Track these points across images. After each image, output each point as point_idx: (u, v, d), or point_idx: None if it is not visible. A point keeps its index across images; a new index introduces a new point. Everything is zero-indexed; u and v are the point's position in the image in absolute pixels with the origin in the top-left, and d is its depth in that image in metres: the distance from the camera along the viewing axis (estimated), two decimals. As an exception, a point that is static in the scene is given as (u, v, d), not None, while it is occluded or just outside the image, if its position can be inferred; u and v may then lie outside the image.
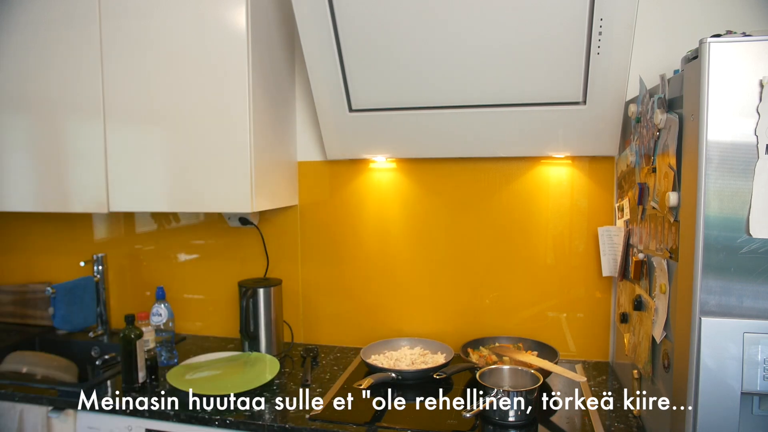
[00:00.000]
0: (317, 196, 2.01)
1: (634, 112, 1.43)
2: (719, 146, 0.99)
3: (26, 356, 1.90)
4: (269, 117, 1.76)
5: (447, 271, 1.93)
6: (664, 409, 1.18)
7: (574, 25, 1.39)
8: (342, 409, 1.49)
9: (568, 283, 1.84)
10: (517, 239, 1.86)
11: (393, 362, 1.73)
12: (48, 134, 1.80)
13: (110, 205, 1.77)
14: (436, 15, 1.43)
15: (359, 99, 1.68)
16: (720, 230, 1.00)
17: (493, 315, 1.90)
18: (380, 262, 1.98)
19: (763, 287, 0.99)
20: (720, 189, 0.99)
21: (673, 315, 1.14)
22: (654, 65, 1.50)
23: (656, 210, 1.26)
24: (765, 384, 0.99)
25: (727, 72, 0.98)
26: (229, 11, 1.60)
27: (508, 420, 1.39)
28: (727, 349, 1.01)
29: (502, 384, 1.52)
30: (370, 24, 1.49)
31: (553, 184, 1.82)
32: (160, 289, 1.89)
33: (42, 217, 2.24)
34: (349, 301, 2.02)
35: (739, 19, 1.59)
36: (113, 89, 1.72)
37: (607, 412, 1.47)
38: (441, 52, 1.50)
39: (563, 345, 1.85)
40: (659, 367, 1.23)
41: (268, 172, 1.76)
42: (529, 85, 1.53)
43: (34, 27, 1.75)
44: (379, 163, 1.94)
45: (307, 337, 2.08)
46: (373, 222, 1.97)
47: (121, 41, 1.70)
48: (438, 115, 1.65)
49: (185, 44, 1.64)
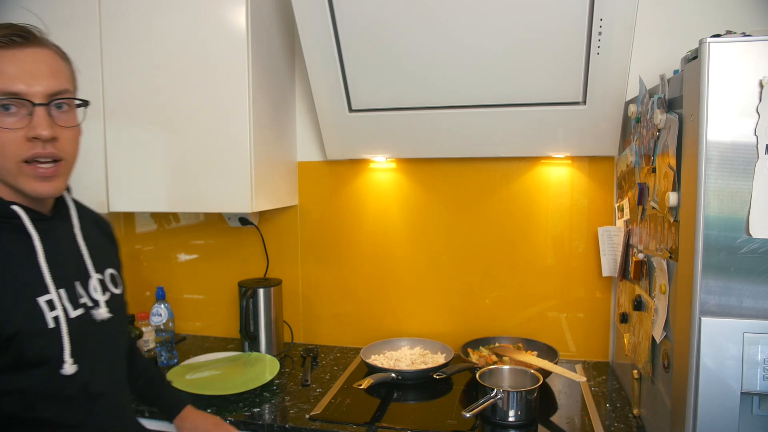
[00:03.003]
0: (317, 196, 2.01)
1: (634, 112, 1.43)
2: (719, 146, 0.99)
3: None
4: (269, 117, 1.76)
5: (447, 271, 1.93)
6: (664, 409, 1.18)
7: (574, 26, 1.39)
8: (342, 409, 1.49)
9: (568, 283, 1.84)
10: (517, 239, 1.86)
11: (393, 362, 1.73)
12: (48, 134, 1.80)
13: (110, 205, 1.77)
14: (435, 15, 1.43)
15: (359, 99, 1.68)
16: (720, 230, 1.00)
17: (493, 315, 1.90)
18: (380, 262, 1.98)
19: (763, 287, 0.99)
20: (720, 189, 0.99)
21: (673, 315, 1.14)
22: (654, 65, 1.50)
23: (656, 210, 1.26)
24: (765, 384, 0.99)
25: (726, 72, 0.98)
26: (229, 11, 1.60)
27: (508, 420, 1.39)
28: (726, 349, 1.01)
29: (502, 384, 1.52)
30: (370, 24, 1.49)
31: (553, 184, 1.82)
32: (160, 289, 1.89)
33: (42, 217, 2.25)
34: (349, 301, 2.02)
35: (739, 19, 1.59)
36: (113, 89, 1.72)
37: (607, 412, 1.47)
38: (441, 53, 1.50)
39: (563, 345, 1.85)
40: (659, 367, 1.23)
41: (268, 172, 1.76)
42: (529, 85, 1.53)
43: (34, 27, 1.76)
44: (379, 163, 1.94)
45: (307, 337, 2.08)
46: (373, 222, 1.97)
47: (121, 41, 1.69)
48: (438, 115, 1.65)
49: (185, 44, 1.64)
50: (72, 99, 0.91)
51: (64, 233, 0.97)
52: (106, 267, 1.04)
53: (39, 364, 0.85)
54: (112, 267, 1.06)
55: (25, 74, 0.84)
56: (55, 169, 0.88)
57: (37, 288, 0.87)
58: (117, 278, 1.06)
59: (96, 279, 0.98)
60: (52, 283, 0.88)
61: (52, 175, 0.88)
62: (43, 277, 0.88)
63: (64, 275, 0.92)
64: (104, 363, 0.97)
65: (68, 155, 0.90)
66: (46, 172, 0.87)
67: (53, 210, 0.97)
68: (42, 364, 0.85)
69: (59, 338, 0.86)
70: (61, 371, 0.86)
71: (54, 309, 0.87)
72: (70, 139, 0.90)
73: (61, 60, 0.92)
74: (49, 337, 0.86)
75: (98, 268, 1.00)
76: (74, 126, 0.91)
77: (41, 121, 0.84)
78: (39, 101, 0.85)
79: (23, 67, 0.85)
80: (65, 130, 0.89)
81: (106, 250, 1.09)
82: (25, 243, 0.89)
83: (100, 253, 1.03)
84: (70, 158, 0.92)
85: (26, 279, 0.87)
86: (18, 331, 0.82)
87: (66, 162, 0.90)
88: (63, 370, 0.86)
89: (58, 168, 0.88)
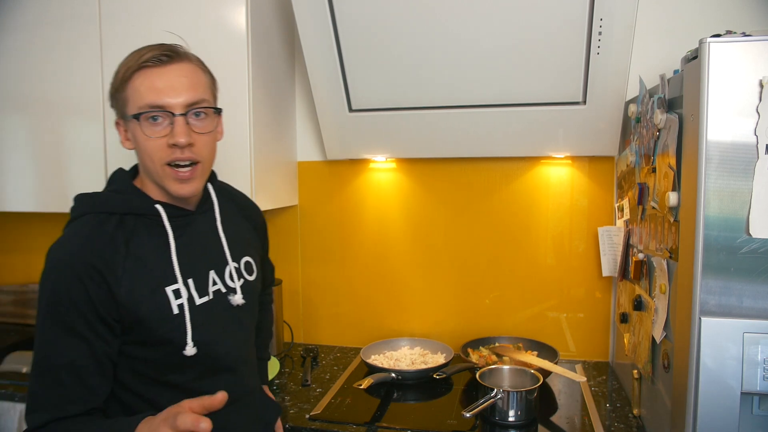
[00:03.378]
0: (317, 196, 2.01)
1: (634, 112, 1.43)
2: (719, 146, 0.99)
3: (26, 356, 1.90)
4: (269, 117, 1.76)
5: (447, 270, 1.93)
6: (664, 409, 1.18)
7: (574, 26, 1.39)
8: (342, 409, 1.49)
9: (568, 283, 1.84)
10: (517, 239, 1.86)
11: (393, 362, 1.73)
12: (48, 134, 1.80)
13: (110, 205, 1.77)
14: (436, 15, 1.43)
15: (359, 99, 1.68)
16: (720, 230, 1.00)
17: (493, 315, 1.90)
18: (380, 262, 1.98)
19: (763, 287, 0.99)
20: (720, 189, 0.99)
21: (673, 315, 1.14)
22: (654, 65, 1.50)
23: (656, 210, 1.26)
24: (765, 384, 0.99)
25: (726, 72, 0.98)
26: (229, 11, 1.60)
27: (508, 420, 1.39)
28: (726, 349, 1.01)
29: (502, 384, 1.52)
30: (370, 24, 1.49)
31: (553, 184, 1.82)
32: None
33: (42, 217, 2.24)
34: (349, 301, 2.02)
35: (739, 19, 1.59)
36: (113, 89, 1.72)
37: (607, 412, 1.47)
38: (441, 52, 1.50)
39: (563, 345, 1.85)
40: (659, 367, 1.23)
41: (268, 172, 1.76)
42: (529, 85, 1.53)
43: (34, 27, 1.75)
44: (379, 163, 1.94)
45: (307, 337, 2.08)
46: (373, 222, 1.97)
47: (121, 41, 1.69)
48: (438, 115, 1.65)
49: (185, 44, 1.64)
50: (209, 108, 1.03)
51: (206, 226, 1.11)
52: (243, 255, 1.16)
53: (165, 343, 0.99)
54: (249, 255, 1.18)
55: (168, 88, 0.97)
56: (192, 171, 1.01)
57: (167, 278, 1.00)
58: (252, 265, 1.18)
59: (232, 267, 1.11)
60: (180, 274, 1.01)
61: (189, 178, 1.01)
62: (173, 268, 1.01)
63: (197, 266, 1.05)
64: (230, 342, 1.09)
65: (204, 158, 1.03)
66: (184, 176, 1.00)
67: (198, 205, 1.11)
68: (168, 343, 0.99)
69: (183, 323, 0.99)
70: (183, 352, 0.98)
71: (179, 297, 1.00)
72: (206, 143, 1.03)
73: (201, 72, 1.05)
74: (173, 322, 0.99)
75: (235, 257, 1.13)
76: (210, 132, 1.03)
77: (179, 130, 0.97)
78: (179, 112, 0.98)
79: (168, 82, 0.98)
80: (201, 135, 1.01)
81: (246, 238, 1.21)
82: (163, 237, 1.02)
83: (239, 242, 1.16)
84: (207, 161, 1.04)
85: (158, 270, 1.00)
86: (146, 316, 0.96)
87: (202, 164, 1.03)
88: (185, 351, 0.99)
89: (194, 171, 1.01)
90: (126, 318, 0.95)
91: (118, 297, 0.94)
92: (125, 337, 0.97)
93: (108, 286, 0.93)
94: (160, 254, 1.01)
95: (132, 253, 0.98)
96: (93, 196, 1.04)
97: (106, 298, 0.93)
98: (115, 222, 0.99)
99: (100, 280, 0.93)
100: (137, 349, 0.98)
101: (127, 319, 0.95)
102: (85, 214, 1.01)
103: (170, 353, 0.99)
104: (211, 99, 1.07)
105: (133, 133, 1.00)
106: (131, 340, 0.97)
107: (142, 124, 0.98)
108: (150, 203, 1.03)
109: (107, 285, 0.93)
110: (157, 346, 0.99)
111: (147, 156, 1.00)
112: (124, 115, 1.01)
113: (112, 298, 0.94)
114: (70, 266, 0.93)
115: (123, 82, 0.99)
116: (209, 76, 1.08)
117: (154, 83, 0.97)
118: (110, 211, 1.01)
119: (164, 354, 0.99)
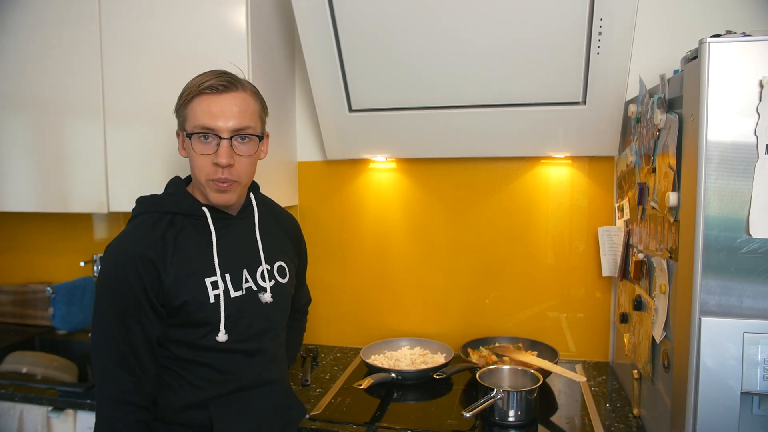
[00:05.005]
0: (317, 196, 2.01)
1: (634, 112, 1.43)
2: (719, 146, 0.99)
3: (26, 356, 1.90)
4: (269, 117, 1.75)
5: (447, 270, 1.93)
6: (664, 409, 1.18)
7: (574, 25, 1.39)
8: (342, 409, 1.49)
9: (568, 283, 1.84)
10: (517, 239, 1.86)
11: (393, 362, 1.73)
12: (48, 134, 1.80)
13: (110, 205, 1.77)
14: (436, 15, 1.43)
15: (359, 99, 1.68)
16: (720, 230, 1.00)
17: (493, 315, 1.90)
18: (380, 262, 1.98)
19: (763, 287, 0.99)
20: (720, 189, 0.99)
21: (673, 315, 1.14)
22: (654, 65, 1.50)
23: (656, 210, 1.26)
24: (765, 384, 0.99)
25: (726, 72, 0.98)
26: (229, 11, 1.60)
27: (508, 420, 1.39)
28: (726, 349, 1.01)
29: (502, 384, 1.52)
30: (370, 24, 1.49)
31: (553, 184, 1.82)
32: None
33: (42, 217, 2.24)
34: (349, 301, 2.02)
35: (739, 19, 1.59)
36: (113, 89, 1.72)
37: (607, 412, 1.47)
38: (441, 52, 1.50)
39: (563, 345, 1.85)
40: (659, 367, 1.23)
41: (268, 171, 1.76)
42: (529, 85, 1.53)
43: (34, 27, 1.75)
44: (379, 163, 1.94)
45: (307, 337, 2.06)
46: (373, 222, 1.97)
47: (121, 41, 1.69)
48: (438, 115, 1.65)
49: (185, 44, 1.64)
50: (252, 135, 1.15)
51: (245, 229, 1.24)
52: (276, 260, 1.28)
53: (202, 325, 1.12)
54: (282, 260, 1.29)
55: (220, 114, 1.11)
56: (229, 185, 1.14)
57: (207, 271, 1.13)
58: (285, 270, 1.29)
59: (264, 268, 1.23)
60: (219, 268, 1.14)
61: (226, 190, 1.14)
62: (213, 263, 1.14)
63: (233, 263, 1.18)
64: (260, 332, 1.20)
65: (242, 178, 1.16)
66: (221, 187, 1.14)
67: (240, 211, 1.24)
68: (204, 325, 1.12)
69: (218, 311, 1.12)
70: (216, 337, 1.12)
71: (216, 288, 1.13)
72: (246, 164, 1.16)
73: (252, 100, 1.16)
74: (210, 309, 1.12)
75: (268, 260, 1.25)
76: (250, 155, 1.16)
77: (223, 152, 1.11)
78: (225, 135, 1.11)
79: (221, 108, 1.11)
80: (242, 158, 1.14)
81: (281, 245, 1.32)
82: (207, 236, 1.16)
83: (274, 247, 1.28)
84: (244, 179, 1.17)
85: (200, 263, 1.13)
86: (186, 301, 1.10)
87: (239, 182, 1.16)
88: (218, 336, 1.12)
89: (231, 185, 1.14)
90: (170, 302, 1.09)
91: (165, 284, 1.08)
92: (169, 320, 1.11)
93: (158, 274, 1.08)
94: (203, 250, 1.15)
95: (179, 248, 1.12)
96: (150, 198, 1.19)
97: (155, 284, 1.08)
98: (167, 221, 1.14)
99: (151, 269, 1.07)
100: (178, 332, 1.12)
101: (171, 303, 1.09)
102: (142, 213, 1.16)
103: (204, 335, 1.12)
104: (258, 125, 1.18)
105: (188, 147, 1.15)
106: (173, 323, 1.11)
107: (195, 141, 1.12)
108: (198, 206, 1.17)
109: (157, 273, 1.08)
110: (195, 328, 1.11)
111: (196, 168, 1.14)
112: (184, 129, 1.16)
113: (161, 284, 1.08)
114: (128, 256, 1.07)
115: (185, 102, 1.14)
116: (260, 103, 1.19)
117: (209, 108, 1.11)
118: (163, 210, 1.15)
119: (200, 336, 1.12)
